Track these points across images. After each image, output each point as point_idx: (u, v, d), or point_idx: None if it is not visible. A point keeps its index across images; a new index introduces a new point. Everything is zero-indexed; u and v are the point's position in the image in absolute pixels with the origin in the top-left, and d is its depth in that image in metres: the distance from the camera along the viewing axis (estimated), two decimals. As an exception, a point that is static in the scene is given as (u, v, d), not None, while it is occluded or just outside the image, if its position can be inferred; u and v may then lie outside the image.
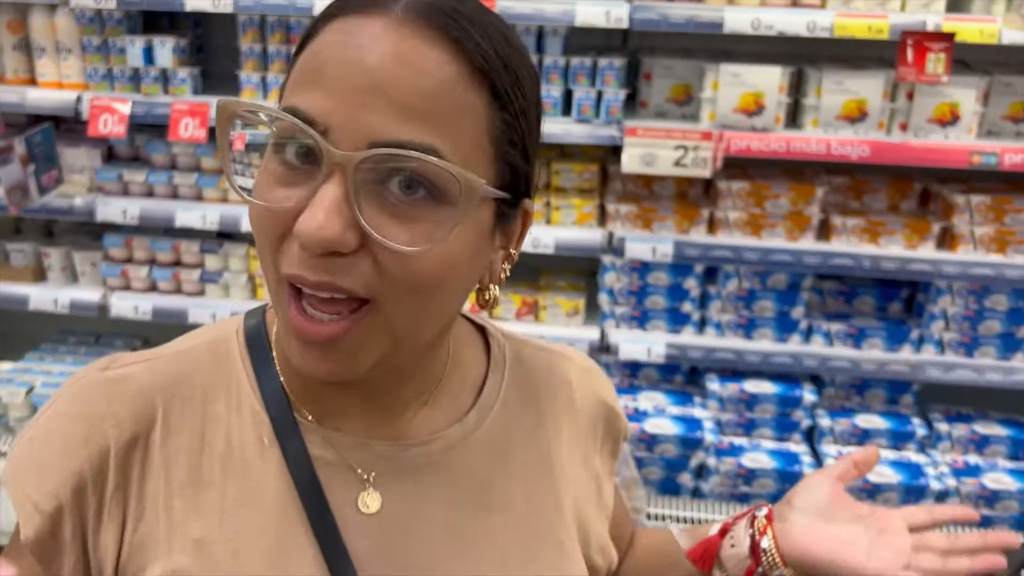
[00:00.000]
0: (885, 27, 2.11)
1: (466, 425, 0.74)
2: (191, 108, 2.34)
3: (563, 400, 0.82)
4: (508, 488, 0.74)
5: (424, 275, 0.59)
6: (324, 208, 0.56)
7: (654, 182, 2.48)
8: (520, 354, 0.82)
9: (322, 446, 0.70)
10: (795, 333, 2.44)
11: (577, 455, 0.81)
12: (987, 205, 2.30)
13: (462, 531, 0.71)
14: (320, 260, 0.58)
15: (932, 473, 2.36)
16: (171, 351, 0.74)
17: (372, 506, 0.70)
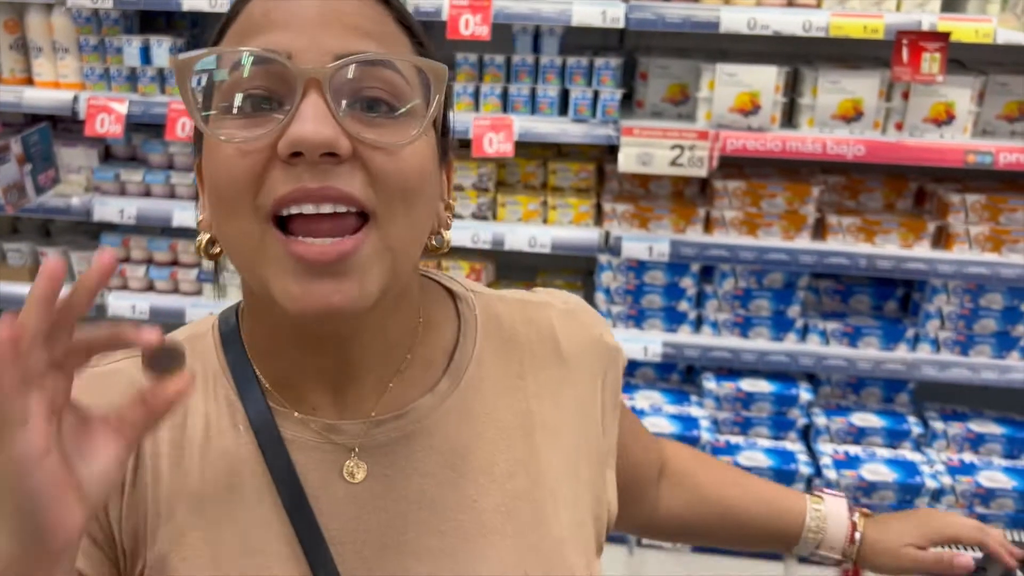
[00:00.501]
0: (880, 27, 2.12)
1: (437, 394, 0.73)
2: (188, 108, 2.35)
3: (547, 351, 0.80)
4: (486, 452, 0.73)
5: (411, 174, 0.62)
6: (312, 116, 0.58)
7: (650, 181, 2.49)
8: (494, 310, 0.80)
9: (297, 429, 0.70)
10: (791, 332, 2.45)
11: (568, 405, 0.79)
12: (982, 204, 2.31)
13: (439, 500, 0.71)
14: (317, 168, 0.59)
15: (928, 471, 2.37)
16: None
17: (358, 475, 0.70)
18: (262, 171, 0.60)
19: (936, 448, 2.47)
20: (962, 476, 2.36)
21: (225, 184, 0.61)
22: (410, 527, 0.70)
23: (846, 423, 2.46)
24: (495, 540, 0.71)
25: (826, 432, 2.47)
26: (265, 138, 0.59)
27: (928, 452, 2.46)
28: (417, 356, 0.74)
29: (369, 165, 0.60)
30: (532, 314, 0.82)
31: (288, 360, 0.70)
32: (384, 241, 0.62)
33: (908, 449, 2.46)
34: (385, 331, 0.70)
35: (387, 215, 0.61)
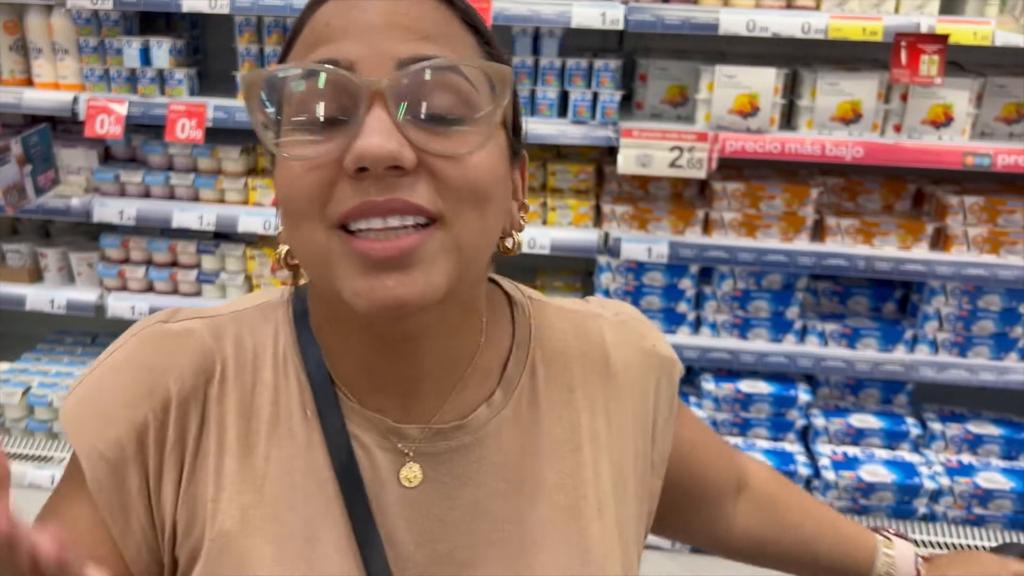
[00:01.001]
0: (879, 29, 2.12)
1: (493, 406, 0.73)
2: (188, 109, 2.35)
3: (597, 363, 0.79)
4: (537, 465, 0.74)
5: (479, 179, 0.61)
6: (377, 129, 0.57)
7: (650, 183, 2.49)
8: (547, 320, 0.79)
9: (362, 426, 0.70)
10: (790, 333, 2.45)
11: (617, 418, 0.78)
12: (980, 206, 2.32)
13: (490, 512, 0.71)
14: (382, 181, 0.58)
15: (926, 472, 2.38)
16: (227, 311, 0.74)
17: (414, 480, 0.70)
18: (329, 185, 0.60)
19: (934, 449, 2.48)
20: (960, 477, 2.36)
21: (293, 198, 0.61)
22: (462, 535, 0.70)
23: (844, 424, 2.47)
24: (542, 551, 0.72)
25: (825, 433, 2.47)
26: (331, 154, 0.59)
27: (926, 453, 2.47)
28: (478, 366, 0.73)
29: (436, 173, 0.60)
30: (584, 325, 0.81)
31: (357, 360, 0.70)
32: (452, 240, 0.61)
33: (906, 450, 2.46)
34: (453, 338, 0.70)
35: (455, 218, 0.61)
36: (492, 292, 0.78)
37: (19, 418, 2.60)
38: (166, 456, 0.68)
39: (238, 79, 0.56)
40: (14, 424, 2.61)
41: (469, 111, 0.61)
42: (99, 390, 0.70)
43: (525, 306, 0.79)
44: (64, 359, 2.73)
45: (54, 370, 2.66)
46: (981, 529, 2.37)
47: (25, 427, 2.61)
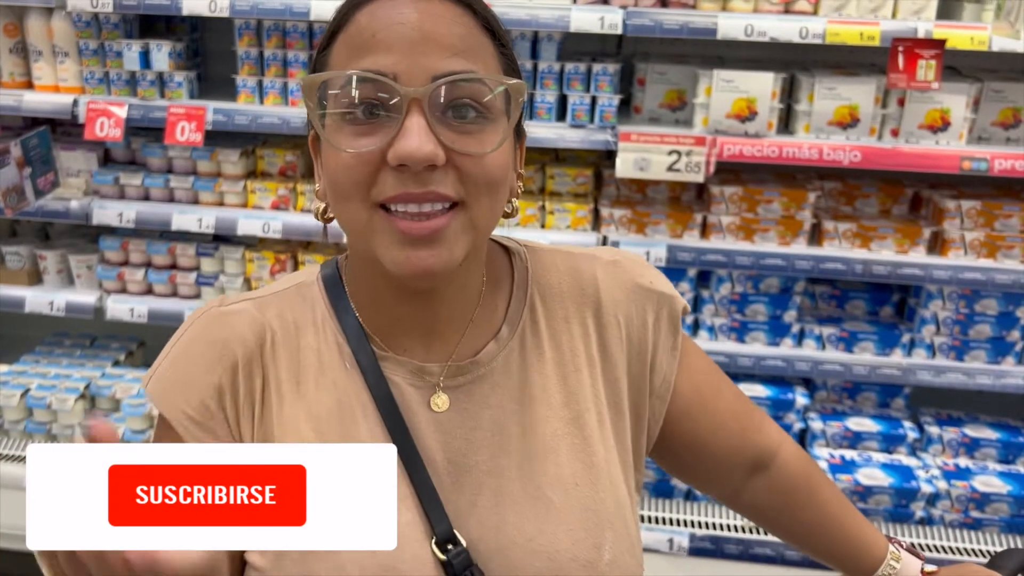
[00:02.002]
0: (876, 34, 2.13)
1: (500, 340, 0.88)
2: (187, 112, 2.36)
3: (588, 297, 0.91)
4: (544, 385, 0.87)
5: (495, 172, 0.76)
6: (416, 133, 0.71)
7: (648, 186, 2.50)
8: (542, 262, 0.93)
9: (394, 368, 0.85)
10: (787, 337, 2.46)
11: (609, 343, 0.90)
12: (977, 210, 2.32)
13: (507, 428, 0.85)
14: (419, 175, 0.72)
15: (923, 476, 2.38)
16: (268, 292, 0.89)
17: (442, 405, 0.85)
18: (374, 173, 0.74)
19: (931, 453, 2.48)
20: (957, 481, 2.37)
21: (343, 182, 0.75)
22: (484, 448, 0.84)
23: (842, 428, 2.47)
24: (552, 458, 0.85)
25: (822, 437, 2.48)
26: (376, 147, 0.73)
27: (924, 457, 2.47)
28: (484, 307, 0.88)
29: (460, 167, 0.74)
30: (576, 264, 0.93)
31: (386, 311, 0.85)
32: (470, 220, 0.76)
33: (904, 454, 2.47)
34: (462, 288, 0.85)
35: (473, 203, 0.76)
36: (491, 247, 0.92)
37: (18, 420, 2.60)
38: (241, 408, 0.83)
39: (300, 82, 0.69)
40: (13, 426, 2.61)
41: (489, 116, 0.75)
42: (176, 366, 0.84)
43: (521, 254, 0.94)
44: (63, 361, 2.73)
45: (53, 372, 2.66)
46: (978, 533, 2.38)
47: (24, 429, 2.61)
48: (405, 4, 0.75)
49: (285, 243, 2.60)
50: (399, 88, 0.72)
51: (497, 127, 0.76)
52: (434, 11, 0.75)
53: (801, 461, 1.03)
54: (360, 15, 0.76)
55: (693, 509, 2.44)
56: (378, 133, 0.73)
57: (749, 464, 1.01)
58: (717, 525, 2.41)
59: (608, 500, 0.86)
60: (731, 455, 0.99)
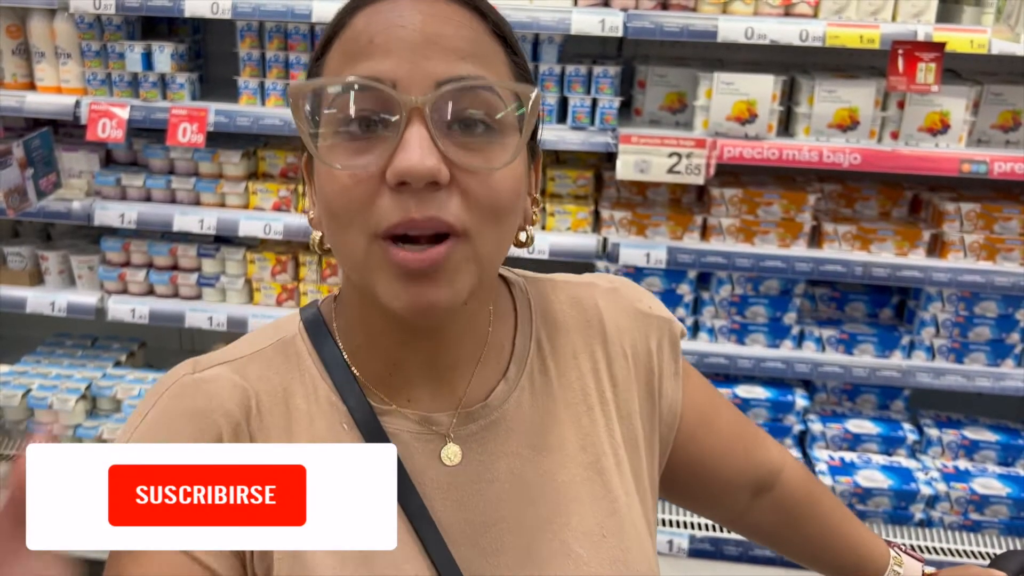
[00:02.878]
0: (876, 37, 2.14)
1: (509, 381, 0.80)
2: (189, 113, 2.36)
3: (594, 329, 0.85)
4: (558, 430, 0.80)
5: (502, 195, 0.67)
6: (417, 145, 0.63)
7: (648, 188, 2.50)
8: (543, 294, 0.86)
9: (397, 422, 0.76)
10: (787, 339, 2.46)
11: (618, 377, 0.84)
12: (977, 213, 2.33)
13: (524, 477, 0.77)
14: (420, 198, 0.64)
15: (922, 478, 2.38)
16: (247, 352, 0.78)
17: (454, 458, 0.76)
18: (371, 196, 0.65)
19: (931, 455, 2.49)
20: (957, 483, 2.37)
21: (340, 207, 0.66)
22: (503, 503, 0.76)
23: (841, 430, 2.47)
24: (576, 508, 0.78)
25: (822, 439, 2.48)
26: (374, 166, 0.64)
27: (923, 459, 2.47)
28: (491, 345, 0.80)
29: (465, 189, 0.65)
30: (577, 295, 0.87)
31: (386, 356, 0.76)
32: (473, 252, 0.67)
33: (903, 456, 2.47)
34: (471, 326, 0.77)
35: (477, 233, 0.67)
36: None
37: (19, 420, 2.61)
38: None
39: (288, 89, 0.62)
40: (14, 427, 2.62)
41: (500, 130, 0.67)
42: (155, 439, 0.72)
43: (521, 285, 0.86)
44: (64, 362, 2.74)
45: (54, 373, 2.66)
46: (977, 535, 2.38)
47: (25, 429, 2.62)
48: (406, 6, 0.67)
49: (286, 244, 2.61)
50: (397, 96, 0.63)
51: (508, 143, 0.67)
52: (439, 13, 0.67)
53: (803, 475, 1.01)
54: (357, 19, 0.68)
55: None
56: (376, 149, 0.65)
57: (755, 484, 0.97)
58: (717, 527, 2.42)
59: (635, 549, 0.80)
60: (737, 477, 0.95)
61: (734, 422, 0.95)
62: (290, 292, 2.59)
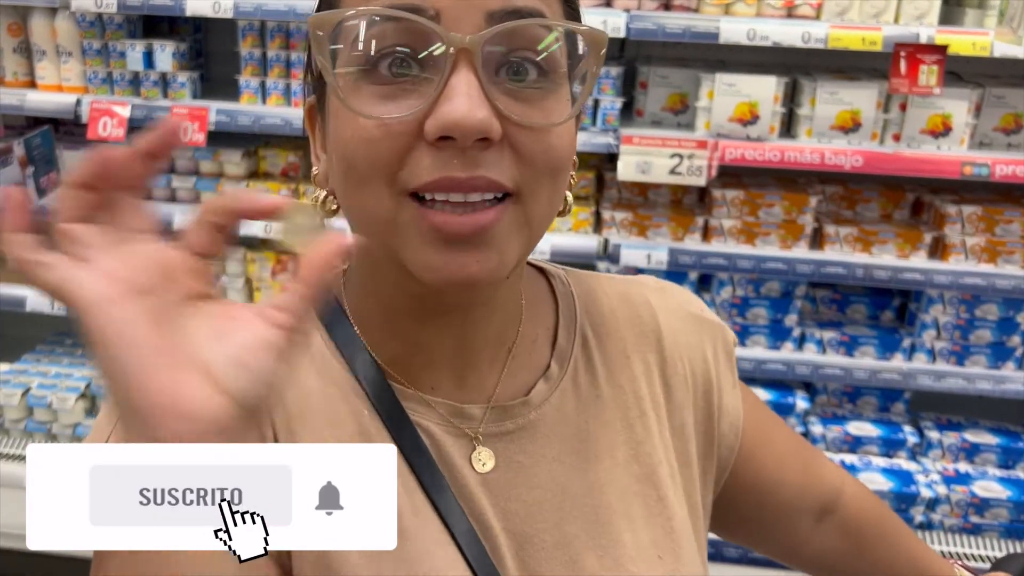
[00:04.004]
0: (879, 39, 2.14)
1: (551, 379, 0.71)
2: (190, 112, 2.36)
3: (647, 328, 0.76)
4: (605, 435, 0.71)
5: (559, 151, 0.58)
6: (466, 94, 0.52)
7: (649, 190, 2.50)
8: (589, 288, 0.77)
9: (422, 411, 0.66)
10: (788, 340, 2.46)
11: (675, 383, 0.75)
12: (979, 215, 2.32)
13: (568, 487, 0.68)
14: (468, 155, 0.54)
15: (923, 481, 2.38)
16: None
17: (487, 464, 0.67)
18: (405, 149, 0.55)
19: (931, 457, 2.48)
20: (957, 486, 2.37)
21: (362, 160, 0.56)
22: (546, 514, 0.67)
23: (842, 432, 2.47)
24: (627, 524, 0.69)
25: (822, 441, 2.48)
26: (411, 116, 0.54)
27: (923, 461, 2.47)
28: (524, 334, 0.71)
29: (518, 146, 0.56)
30: (627, 291, 0.78)
31: (405, 336, 0.66)
32: (525, 216, 0.58)
33: (904, 458, 2.47)
34: (503, 304, 0.68)
35: (531, 194, 0.57)
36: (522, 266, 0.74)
37: (18, 419, 2.60)
38: None
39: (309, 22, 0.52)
40: (13, 425, 2.61)
41: (555, 78, 0.57)
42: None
43: (562, 277, 0.77)
44: (64, 360, 2.73)
45: (54, 371, 2.66)
46: (978, 538, 2.38)
47: (24, 428, 2.61)
48: None
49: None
50: (442, 32, 0.53)
51: (563, 94, 0.58)
52: None
53: (866, 494, 0.91)
54: None
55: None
56: (411, 96, 0.54)
57: (817, 507, 0.86)
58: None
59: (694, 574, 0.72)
60: (797, 499, 0.85)
61: (790, 438, 0.86)
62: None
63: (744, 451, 0.79)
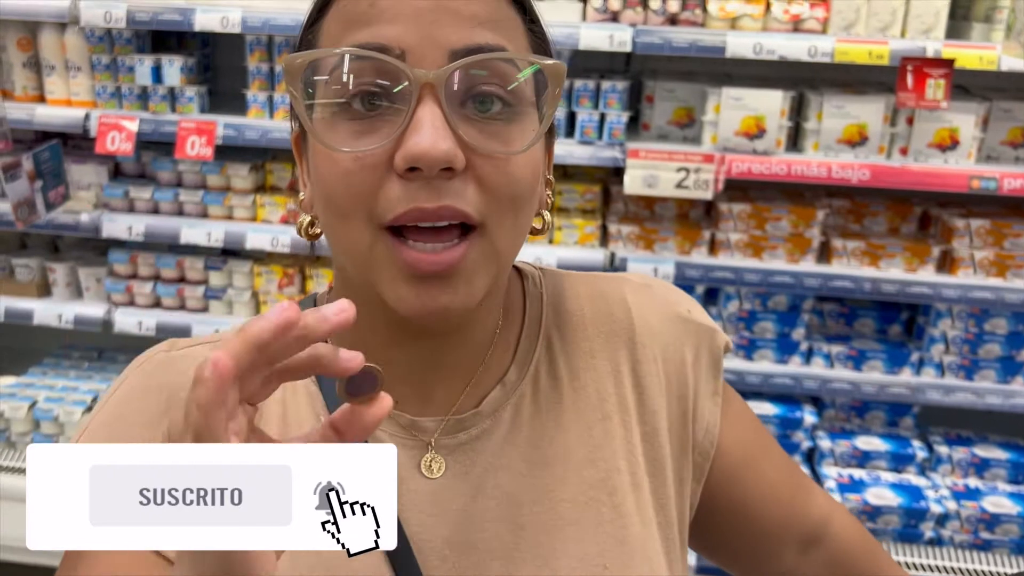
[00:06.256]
0: (885, 53, 2.14)
1: (507, 385, 0.71)
2: (198, 126, 2.37)
3: (618, 326, 0.74)
4: (563, 440, 0.70)
5: (523, 182, 0.60)
6: (430, 125, 0.55)
7: (656, 203, 2.50)
8: (559, 288, 0.76)
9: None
10: (796, 354, 2.45)
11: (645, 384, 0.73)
12: (987, 229, 2.32)
13: (516, 495, 0.68)
14: (433, 185, 0.57)
15: (932, 496, 2.36)
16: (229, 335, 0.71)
17: (436, 471, 0.68)
18: (379, 183, 0.58)
19: (941, 473, 2.47)
20: (967, 501, 2.35)
21: (341, 194, 0.59)
22: (488, 523, 0.67)
23: (850, 446, 2.46)
24: (574, 532, 0.68)
25: (830, 455, 2.46)
26: (380, 148, 0.57)
27: (933, 477, 2.45)
28: (497, 347, 0.71)
29: (482, 177, 0.58)
30: (601, 287, 0.77)
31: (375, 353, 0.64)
32: (491, 247, 0.60)
33: (913, 473, 2.45)
34: (479, 325, 0.69)
35: (496, 224, 0.60)
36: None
37: (25, 432, 2.60)
38: None
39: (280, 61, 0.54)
40: (20, 438, 2.61)
41: (519, 109, 0.60)
42: (113, 421, 0.67)
43: (536, 277, 0.76)
44: (71, 374, 2.74)
45: (60, 384, 2.66)
46: (988, 554, 2.36)
47: (31, 441, 2.61)
48: None
49: (293, 257, 2.61)
50: (407, 70, 0.56)
51: (527, 123, 0.60)
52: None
53: (855, 526, 0.88)
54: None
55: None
56: (382, 130, 0.57)
57: (802, 537, 0.83)
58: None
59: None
60: (781, 528, 0.82)
61: (782, 466, 0.83)
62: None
63: (727, 470, 0.77)
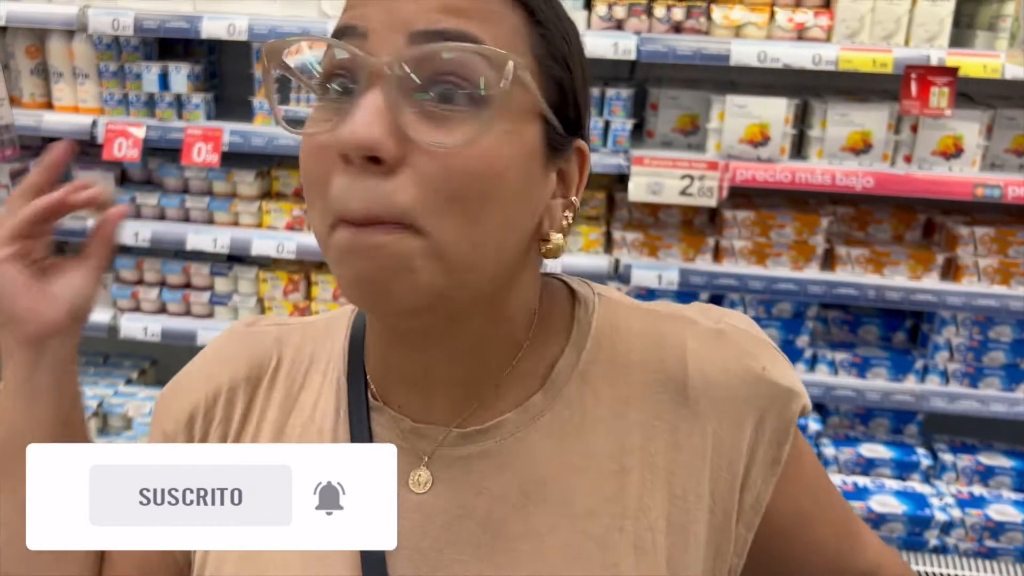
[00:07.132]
0: (889, 61, 2.14)
1: (530, 409, 0.66)
2: (204, 133, 2.38)
3: (669, 376, 0.67)
4: (570, 484, 0.65)
5: (464, 177, 0.54)
6: (363, 113, 0.53)
7: (660, 210, 2.51)
8: (614, 320, 0.69)
9: (387, 426, 0.68)
10: (800, 362, 2.45)
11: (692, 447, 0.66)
12: (991, 237, 2.32)
13: (504, 526, 0.64)
14: (363, 175, 0.54)
15: (937, 504, 2.36)
16: (300, 322, 0.78)
17: (423, 485, 0.66)
18: (328, 172, 0.55)
19: (945, 480, 2.46)
20: (972, 509, 2.35)
21: (304, 180, 0.58)
22: (465, 546, 0.64)
23: (855, 454, 2.45)
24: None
25: (835, 463, 2.46)
26: (325, 133, 0.55)
27: (937, 484, 2.45)
28: (520, 369, 0.66)
29: (421, 172, 0.54)
30: (660, 328, 0.69)
31: (382, 354, 0.69)
32: (432, 247, 0.55)
33: (917, 481, 2.45)
34: (478, 344, 0.65)
35: (436, 219, 0.54)
36: (554, 290, 0.71)
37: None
38: (211, 433, 0.72)
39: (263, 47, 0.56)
40: (25, 443, 2.62)
41: (474, 108, 0.55)
42: (178, 379, 0.78)
43: (591, 303, 0.70)
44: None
45: (66, 390, 2.67)
46: (993, 562, 2.35)
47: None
48: None
49: (299, 264, 2.61)
50: (360, 56, 0.54)
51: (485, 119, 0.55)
52: None
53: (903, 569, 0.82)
54: None
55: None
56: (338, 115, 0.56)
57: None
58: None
59: None
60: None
61: (837, 520, 0.75)
62: (302, 311, 2.60)
63: (775, 528, 0.70)
